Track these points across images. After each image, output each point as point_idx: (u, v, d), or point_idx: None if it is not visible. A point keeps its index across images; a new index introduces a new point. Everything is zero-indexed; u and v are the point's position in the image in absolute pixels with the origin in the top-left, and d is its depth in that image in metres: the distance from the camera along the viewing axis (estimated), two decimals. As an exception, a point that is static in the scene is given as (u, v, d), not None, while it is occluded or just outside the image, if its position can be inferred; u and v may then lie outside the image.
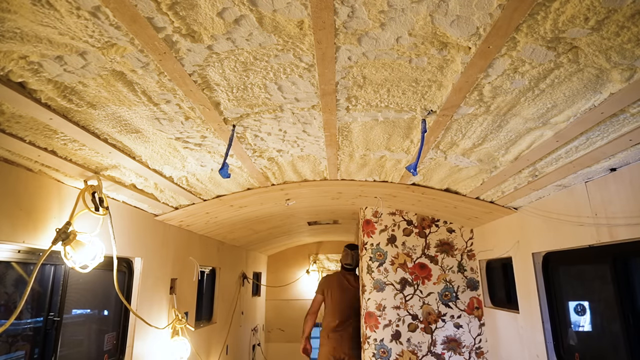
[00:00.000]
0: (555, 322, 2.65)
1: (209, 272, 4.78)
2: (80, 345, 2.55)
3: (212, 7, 1.09)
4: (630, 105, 1.47)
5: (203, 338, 4.31)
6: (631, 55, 1.23)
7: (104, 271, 2.58)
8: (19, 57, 1.25)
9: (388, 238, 3.99)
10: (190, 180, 2.66)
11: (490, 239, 3.52)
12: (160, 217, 3.19)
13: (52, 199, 2.10)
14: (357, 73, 1.45)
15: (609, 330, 2.25)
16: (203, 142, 2.07)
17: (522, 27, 1.15)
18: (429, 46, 1.28)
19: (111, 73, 1.39)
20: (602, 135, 1.72)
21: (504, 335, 3.32)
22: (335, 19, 1.15)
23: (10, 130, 1.64)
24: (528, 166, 2.19)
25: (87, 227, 2.20)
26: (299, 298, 8.36)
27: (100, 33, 1.17)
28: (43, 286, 2.23)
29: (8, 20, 1.09)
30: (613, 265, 2.12)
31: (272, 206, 3.65)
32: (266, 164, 2.54)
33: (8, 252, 1.95)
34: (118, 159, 2.08)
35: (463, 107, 1.67)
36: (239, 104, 1.68)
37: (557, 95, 1.51)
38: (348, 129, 2.00)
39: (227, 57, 1.34)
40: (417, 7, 1.10)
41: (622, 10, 1.05)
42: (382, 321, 3.81)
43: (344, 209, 4.19)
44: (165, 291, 3.37)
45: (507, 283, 3.39)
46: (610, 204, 2.02)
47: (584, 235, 2.21)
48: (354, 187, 3.15)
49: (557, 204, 2.47)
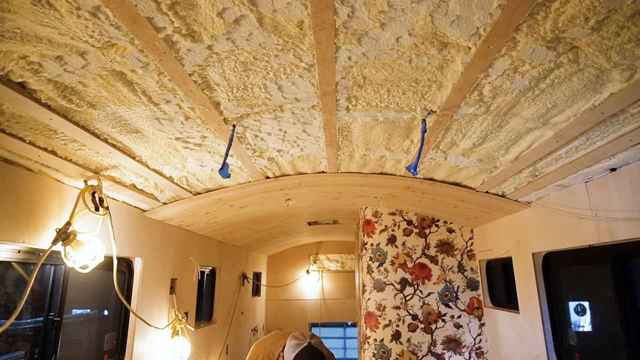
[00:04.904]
0: (556, 322, 2.65)
1: (209, 272, 4.78)
2: (80, 345, 2.55)
3: (212, 7, 1.09)
4: (630, 105, 1.47)
5: (203, 338, 4.31)
6: (631, 55, 1.23)
7: (104, 271, 2.58)
8: (19, 57, 1.25)
9: (388, 238, 3.99)
10: (190, 180, 2.66)
11: (490, 239, 3.52)
12: (160, 216, 3.19)
13: (52, 199, 2.10)
14: (357, 73, 1.45)
15: (609, 330, 2.25)
16: (203, 142, 2.07)
17: (522, 27, 1.15)
18: (429, 46, 1.28)
19: (111, 73, 1.39)
20: (602, 135, 1.72)
21: (504, 335, 3.32)
22: (335, 19, 1.15)
23: (10, 130, 1.64)
24: (528, 166, 2.19)
25: (87, 227, 2.20)
26: (299, 298, 8.36)
27: (100, 33, 1.17)
28: (43, 286, 2.23)
29: (8, 20, 1.09)
30: (613, 265, 2.12)
31: (272, 206, 3.64)
32: (266, 164, 2.54)
33: (8, 252, 1.95)
34: (118, 159, 2.08)
35: (463, 107, 1.67)
36: (239, 104, 1.68)
37: (557, 95, 1.51)
38: (348, 129, 2.00)
39: (227, 57, 1.34)
40: (417, 7, 1.10)
41: (622, 10, 1.05)
42: (382, 321, 3.81)
43: (344, 209, 4.19)
44: (165, 291, 3.37)
45: (507, 283, 3.39)
46: (611, 204, 2.01)
47: (584, 235, 2.21)
48: (354, 187, 3.15)
49: (557, 204, 2.47)
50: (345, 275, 8.44)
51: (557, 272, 2.67)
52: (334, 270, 8.53)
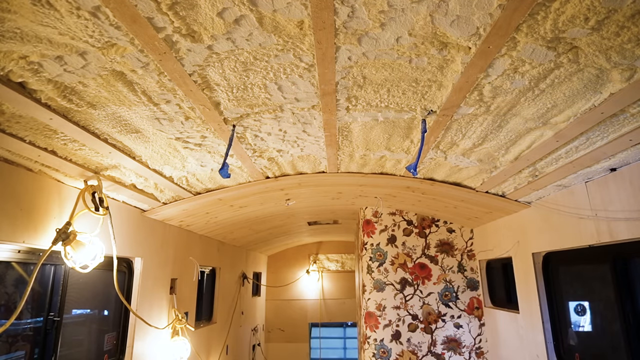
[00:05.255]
0: (556, 322, 2.65)
1: (209, 272, 4.78)
2: (80, 345, 2.55)
3: (212, 7, 1.09)
4: (630, 105, 1.47)
5: (203, 338, 4.31)
6: (631, 55, 1.23)
7: (104, 271, 2.58)
8: (19, 57, 1.25)
9: (388, 238, 3.99)
10: (190, 180, 2.66)
11: (490, 239, 3.52)
12: (160, 216, 3.19)
13: (52, 199, 2.10)
14: (357, 73, 1.45)
15: (609, 330, 2.25)
16: (203, 142, 2.07)
17: (522, 27, 1.15)
18: (429, 46, 1.28)
19: (111, 73, 1.39)
20: (602, 135, 1.72)
21: (504, 335, 3.32)
22: (336, 19, 1.15)
23: (10, 130, 1.64)
24: (528, 166, 2.19)
25: (87, 227, 2.20)
26: (299, 298, 8.36)
27: (100, 33, 1.17)
28: (43, 286, 2.23)
29: (8, 20, 1.09)
30: (613, 265, 2.12)
31: (272, 206, 3.64)
32: (266, 163, 2.54)
33: (8, 252, 1.95)
34: (118, 159, 2.08)
35: (463, 107, 1.67)
36: (239, 104, 1.68)
37: (557, 95, 1.51)
38: (348, 129, 2.00)
39: (227, 57, 1.34)
40: (417, 7, 1.10)
41: (622, 10, 1.05)
42: (382, 321, 3.81)
43: (344, 209, 4.19)
44: (165, 291, 3.37)
45: (507, 283, 3.39)
46: (611, 204, 2.02)
47: (584, 235, 2.21)
48: (354, 187, 3.15)
49: (557, 204, 2.47)
50: (345, 275, 8.45)
51: (557, 272, 2.67)
52: (334, 270, 8.53)
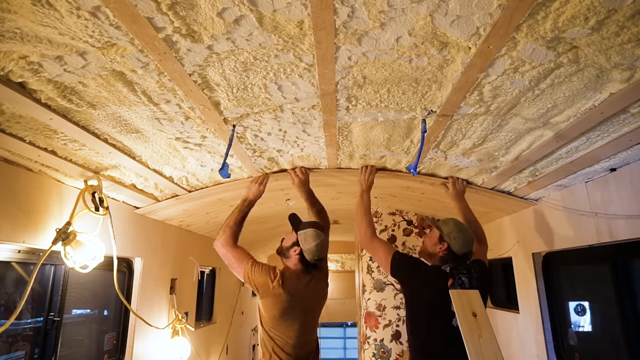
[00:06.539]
0: (556, 322, 2.64)
1: (209, 272, 4.78)
2: (80, 345, 2.55)
3: (212, 7, 1.09)
4: (631, 105, 1.47)
5: (203, 338, 4.31)
6: (631, 55, 1.23)
7: (104, 271, 2.58)
8: (19, 57, 1.25)
9: (388, 238, 3.98)
10: (190, 180, 2.66)
11: (490, 239, 3.51)
12: (160, 216, 3.19)
13: (52, 199, 2.10)
14: (357, 73, 1.45)
15: (609, 331, 2.25)
16: (203, 142, 2.07)
17: (522, 27, 1.15)
18: (429, 46, 1.28)
19: (111, 73, 1.39)
20: (602, 135, 1.72)
21: (504, 335, 3.32)
22: (335, 19, 1.15)
23: (10, 130, 1.64)
24: (528, 166, 2.19)
25: (87, 227, 2.20)
26: (299, 298, 8.34)
27: (100, 33, 1.17)
28: (43, 286, 2.23)
29: (8, 20, 1.09)
30: (613, 265, 2.12)
31: (272, 206, 3.64)
32: (266, 164, 2.54)
33: (8, 252, 1.95)
34: (118, 159, 2.08)
35: (463, 107, 1.67)
36: (239, 104, 1.68)
37: (557, 95, 1.51)
38: (348, 129, 2.00)
39: (227, 57, 1.34)
40: (417, 7, 1.10)
41: (622, 10, 1.05)
42: (382, 321, 3.81)
43: (344, 209, 4.18)
44: (165, 291, 3.37)
45: (507, 283, 3.39)
46: (610, 204, 2.02)
47: (584, 235, 2.21)
48: (353, 186, 3.14)
49: (557, 204, 2.47)
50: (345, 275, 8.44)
51: (557, 272, 2.67)
52: (334, 270, 8.53)
